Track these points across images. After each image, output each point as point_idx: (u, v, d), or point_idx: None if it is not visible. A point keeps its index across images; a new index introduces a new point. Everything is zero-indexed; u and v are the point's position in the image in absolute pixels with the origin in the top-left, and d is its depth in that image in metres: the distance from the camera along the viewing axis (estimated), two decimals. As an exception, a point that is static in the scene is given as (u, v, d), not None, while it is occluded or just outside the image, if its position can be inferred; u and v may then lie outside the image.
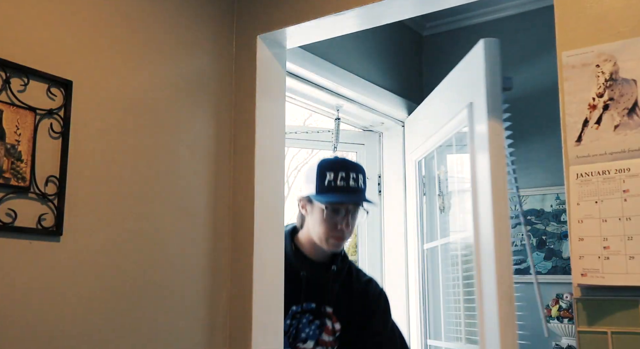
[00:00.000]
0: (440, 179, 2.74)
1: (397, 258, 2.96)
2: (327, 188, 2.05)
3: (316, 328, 2.04)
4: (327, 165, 2.09)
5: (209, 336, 1.85)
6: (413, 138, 2.93)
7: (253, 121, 1.97)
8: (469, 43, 3.07)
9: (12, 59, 1.45)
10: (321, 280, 2.06)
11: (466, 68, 2.23)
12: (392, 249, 2.98)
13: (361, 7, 1.82)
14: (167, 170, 1.79)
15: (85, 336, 1.53)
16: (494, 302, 1.90)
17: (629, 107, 1.35)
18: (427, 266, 2.83)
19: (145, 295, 1.69)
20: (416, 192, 2.89)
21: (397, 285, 2.91)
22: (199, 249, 1.85)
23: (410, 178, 2.95)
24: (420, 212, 2.87)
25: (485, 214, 2.00)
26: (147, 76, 1.77)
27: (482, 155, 2.04)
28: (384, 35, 2.94)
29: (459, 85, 2.32)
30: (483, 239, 2.02)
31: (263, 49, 2.02)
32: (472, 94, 2.15)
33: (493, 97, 2.00)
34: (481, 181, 2.04)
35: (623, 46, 1.37)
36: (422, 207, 2.88)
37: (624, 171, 1.33)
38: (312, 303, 2.05)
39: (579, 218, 1.37)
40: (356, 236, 3.16)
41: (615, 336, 1.30)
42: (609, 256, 1.32)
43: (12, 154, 1.43)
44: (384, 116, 2.99)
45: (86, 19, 1.63)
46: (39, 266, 1.46)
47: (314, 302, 2.05)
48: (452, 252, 2.55)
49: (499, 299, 1.88)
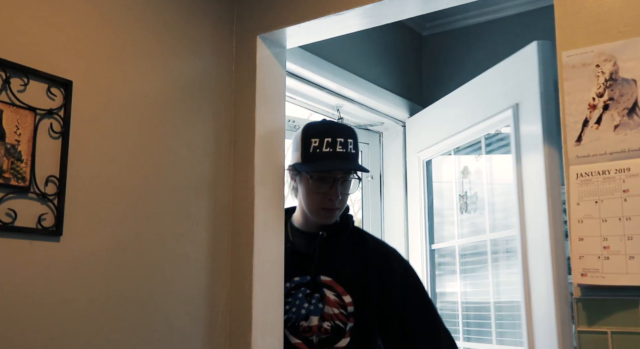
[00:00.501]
0: (462, 180, 2.74)
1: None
2: (312, 156, 1.87)
3: (317, 301, 1.87)
4: (312, 131, 1.90)
5: (209, 335, 1.85)
6: (420, 138, 2.93)
7: (253, 121, 1.96)
8: (469, 43, 3.08)
9: (12, 59, 1.45)
10: (313, 249, 1.91)
11: (511, 70, 2.23)
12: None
13: (361, 6, 1.82)
14: (167, 170, 1.79)
15: (85, 336, 1.53)
16: (549, 303, 1.91)
17: (629, 107, 1.35)
18: (435, 266, 2.84)
19: (145, 295, 1.69)
20: (421, 192, 2.89)
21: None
22: (198, 248, 1.85)
23: (414, 178, 2.95)
24: (429, 212, 2.88)
25: (536, 215, 2.02)
26: (147, 76, 1.77)
27: (532, 156, 2.06)
28: (384, 35, 2.94)
29: (498, 86, 2.32)
30: (533, 239, 2.05)
31: (263, 49, 2.02)
32: (519, 95, 2.17)
33: (547, 98, 2.02)
34: (532, 183, 2.07)
35: (623, 46, 1.37)
36: (431, 207, 2.89)
37: (624, 171, 1.33)
38: (306, 276, 1.90)
39: (579, 218, 1.37)
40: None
41: (615, 336, 1.30)
42: (609, 256, 1.32)
43: (12, 154, 1.43)
44: (383, 116, 2.99)
45: (86, 19, 1.63)
46: (38, 266, 1.46)
47: (309, 274, 1.90)
48: (481, 250, 2.55)
49: (557, 300, 1.89)
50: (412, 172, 2.97)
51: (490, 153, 2.53)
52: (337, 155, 1.84)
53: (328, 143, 1.84)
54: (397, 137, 3.07)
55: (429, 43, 3.25)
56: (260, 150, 1.96)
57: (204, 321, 1.84)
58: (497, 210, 2.50)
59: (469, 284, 2.65)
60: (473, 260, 2.64)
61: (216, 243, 1.91)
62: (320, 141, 1.85)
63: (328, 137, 1.85)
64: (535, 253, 2.04)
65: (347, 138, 1.86)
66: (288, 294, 1.89)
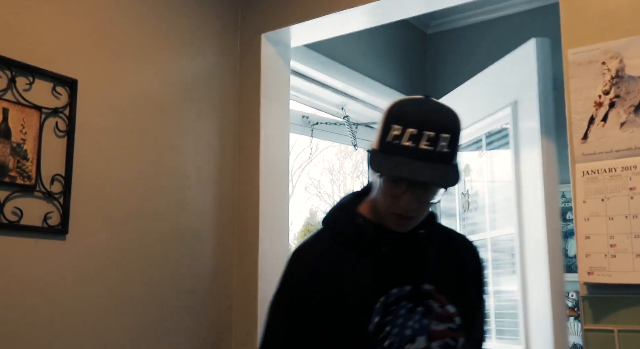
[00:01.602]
0: (464, 178, 2.73)
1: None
2: (388, 147, 1.38)
3: (421, 317, 1.44)
4: (397, 112, 1.39)
5: (214, 334, 1.85)
6: None
7: (258, 119, 1.97)
8: (473, 41, 3.07)
9: (17, 58, 1.45)
10: (409, 252, 1.45)
11: (509, 68, 2.22)
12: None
13: (365, 4, 1.81)
14: (172, 168, 1.79)
15: (90, 332, 1.54)
16: (545, 300, 1.90)
17: (635, 104, 1.34)
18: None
19: (150, 293, 1.69)
20: None
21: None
22: (204, 247, 1.85)
23: None
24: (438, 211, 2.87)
25: (534, 211, 2.00)
26: (152, 75, 1.77)
27: (530, 153, 2.05)
28: (389, 33, 2.94)
29: (497, 84, 2.31)
30: (530, 235, 2.04)
31: (267, 48, 2.02)
32: (517, 92, 2.16)
33: (545, 95, 2.01)
34: (529, 179, 2.05)
35: (629, 43, 1.36)
36: (439, 206, 2.88)
37: (630, 168, 1.33)
38: (405, 286, 1.45)
39: (585, 216, 1.37)
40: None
41: (622, 334, 1.30)
42: (615, 254, 1.31)
43: (18, 153, 1.43)
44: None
45: (91, 19, 1.63)
46: (44, 264, 1.46)
47: (408, 283, 1.44)
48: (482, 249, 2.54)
49: (553, 297, 1.87)
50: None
51: (492, 150, 2.53)
52: (419, 154, 1.36)
53: (412, 135, 1.36)
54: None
55: (433, 41, 3.25)
56: (265, 148, 1.96)
57: (209, 320, 1.83)
58: (498, 209, 2.49)
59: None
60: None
61: (221, 241, 1.91)
62: (402, 130, 1.36)
63: (413, 128, 1.35)
64: (531, 249, 2.02)
65: (440, 132, 1.36)
66: (387, 312, 1.39)
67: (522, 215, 2.10)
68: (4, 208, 1.39)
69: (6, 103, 1.42)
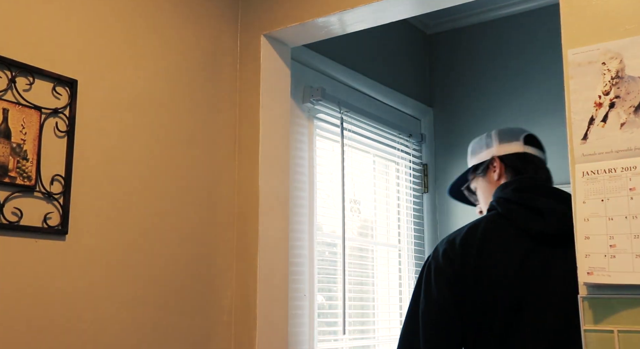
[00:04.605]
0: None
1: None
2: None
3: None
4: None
5: (214, 334, 1.85)
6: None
7: (257, 119, 1.97)
8: (475, 41, 3.07)
9: (17, 58, 1.45)
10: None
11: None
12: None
13: (366, 5, 1.81)
14: (172, 168, 1.79)
15: (90, 333, 1.54)
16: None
17: (635, 105, 1.34)
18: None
19: (150, 293, 1.69)
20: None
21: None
22: (203, 247, 1.85)
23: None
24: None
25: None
26: (152, 75, 1.77)
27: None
28: (389, 34, 2.94)
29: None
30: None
31: (267, 48, 2.02)
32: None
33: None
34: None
35: (630, 43, 1.36)
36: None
37: (630, 169, 1.32)
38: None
39: (585, 217, 1.37)
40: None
41: (622, 335, 1.30)
42: (615, 255, 1.31)
43: (18, 153, 1.43)
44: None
45: (91, 18, 1.63)
46: (44, 265, 1.46)
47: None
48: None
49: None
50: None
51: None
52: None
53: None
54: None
55: (435, 42, 3.24)
56: (265, 147, 1.96)
57: (209, 320, 1.84)
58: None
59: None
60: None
61: (221, 241, 1.91)
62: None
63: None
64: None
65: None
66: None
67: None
68: (3, 208, 1.39)
69: (6, 104, 1.42)
